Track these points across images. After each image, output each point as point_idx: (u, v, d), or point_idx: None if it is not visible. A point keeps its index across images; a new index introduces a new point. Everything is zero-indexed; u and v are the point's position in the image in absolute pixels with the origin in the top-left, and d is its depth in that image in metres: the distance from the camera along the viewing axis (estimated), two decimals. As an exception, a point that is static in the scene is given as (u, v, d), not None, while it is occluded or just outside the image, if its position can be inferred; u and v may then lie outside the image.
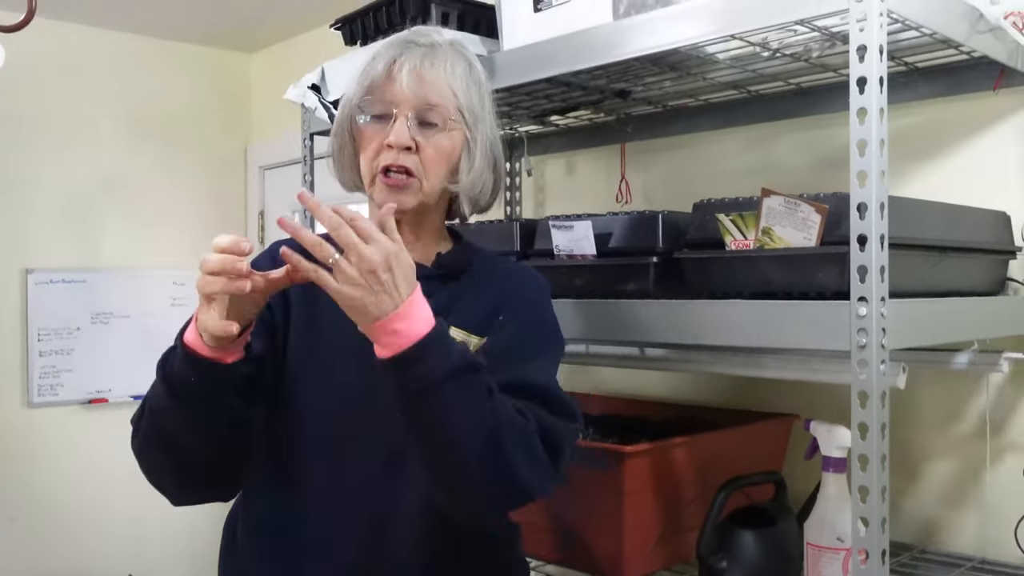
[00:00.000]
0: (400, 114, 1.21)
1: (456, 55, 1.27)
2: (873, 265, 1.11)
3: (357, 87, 1.25)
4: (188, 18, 3.20)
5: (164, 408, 1.13)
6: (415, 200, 1.23)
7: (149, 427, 1.17)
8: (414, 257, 1.26)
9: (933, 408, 1.65)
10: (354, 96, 1.25)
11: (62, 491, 3.16)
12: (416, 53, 1.23)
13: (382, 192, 1.22)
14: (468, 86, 1.26)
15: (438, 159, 1.23)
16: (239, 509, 1.33)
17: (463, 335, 1.28)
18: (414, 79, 1.21)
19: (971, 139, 1.62)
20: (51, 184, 3.19)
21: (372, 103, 1.23)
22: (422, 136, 1.21)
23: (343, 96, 1.29)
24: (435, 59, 1.23)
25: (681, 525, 1.59)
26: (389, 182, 1.22)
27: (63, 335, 3.19)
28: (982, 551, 1.59)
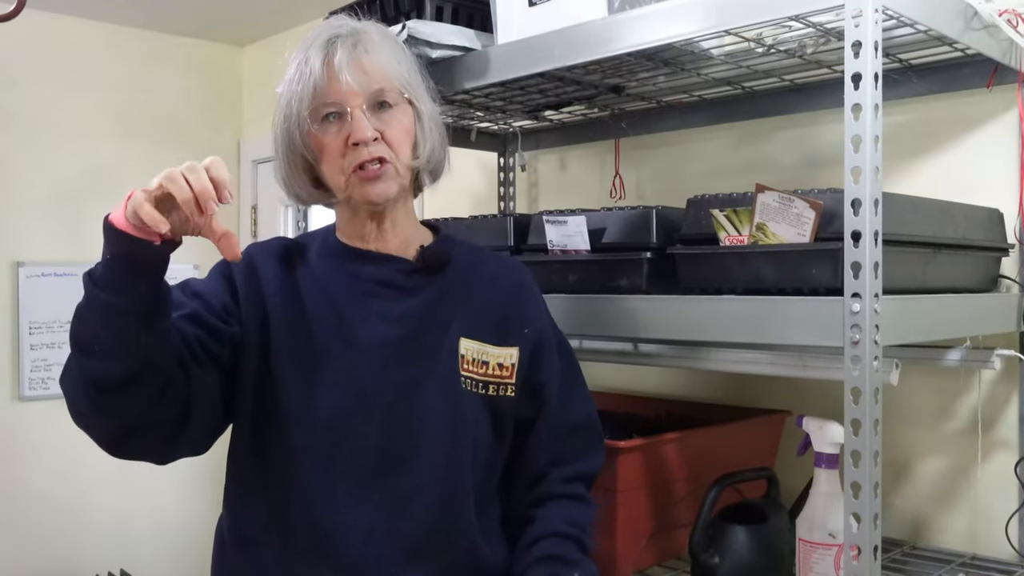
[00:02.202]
0: (354, 108, 1.20)
1: (381, 35, 1.28)
2: (867, 261, 1.11)
3: (297, 98, 1.22)
4: (180, 11, 3.19)
5: (94, 319, 1.05)
6: (396, 185, 1.24)
7: (79, 353, 1.08)
8: (393, 249, 1.29)
9: (925, 404, 1.66)
10: (298, 108, 1.22)
11: (52, 485, 3.15)
12: (346, 44, 1.22)
13: (361, 187, 1.21)
14: (401, 61, 1.26)
15: (402, 138, 1.24)
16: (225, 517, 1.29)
17: (478, 346, 1.28)
18: (356, 71, 1.20)
19: (965, 136, 1.62)
20: (42, 177, 3.17)
21: (321, 108, 1.21)
22: (380, 121, 1.21)
23: (280, 114, 1.25)
24: (366, 44, 1.23)
25: (674, 521, 1.59)
26: (367, 175, 1.21)
27: (54, 328, 3.18)
28: (973, 547, 1.59)
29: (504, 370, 1.30)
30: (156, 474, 3.30)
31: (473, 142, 2.23)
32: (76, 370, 1.08)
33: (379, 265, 1.28)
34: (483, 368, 1.28)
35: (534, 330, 1.34)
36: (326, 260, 1.29)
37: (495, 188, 2.36)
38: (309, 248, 1.32)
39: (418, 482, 1.21)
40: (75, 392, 1.08)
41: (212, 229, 1.09)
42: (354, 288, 1.26)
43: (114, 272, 1.04)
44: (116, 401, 1.07)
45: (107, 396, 1.06)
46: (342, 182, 1.23)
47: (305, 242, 1.34)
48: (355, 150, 1.20)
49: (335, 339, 1.22)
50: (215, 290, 1.23)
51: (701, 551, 1.43)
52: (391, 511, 1.20)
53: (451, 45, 1.58)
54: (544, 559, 1.26)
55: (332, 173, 1.23)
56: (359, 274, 1.27)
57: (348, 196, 1.24)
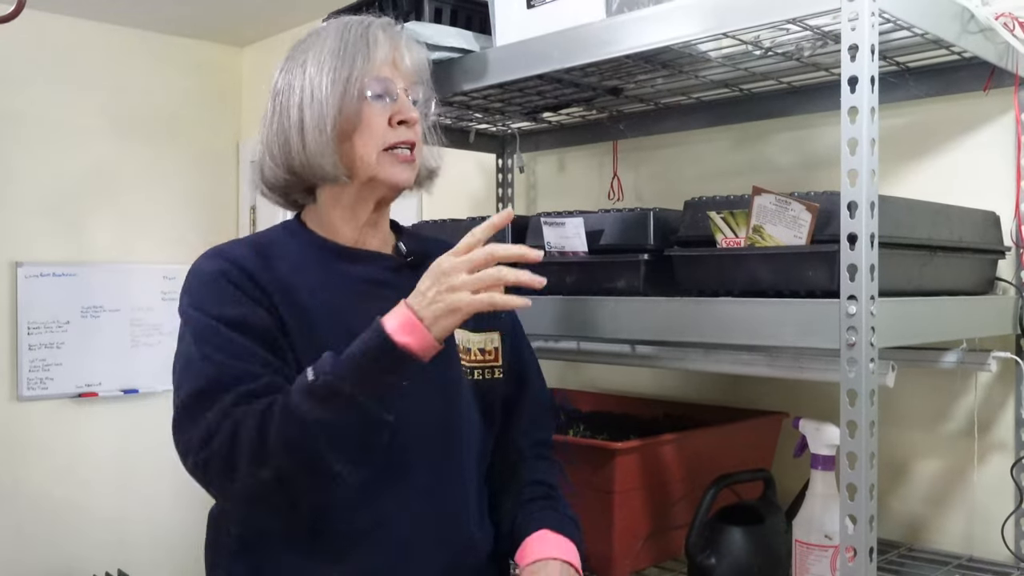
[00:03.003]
0: (402, 91, 1.24)
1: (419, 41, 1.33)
2: (863, 264, 1.11)
3: (355, 69, 1.21)
4: (179, 11, 3.19)
5: (357, 420, 1.07)
6: (414, 176, 1.27)
7: (311, 446, 1.06)
8: (374, 245, 1.29)
9: (921, 407, 1.66)
10: (354, 78, 1.20)
11: (50, 485, 3.15)
12: (400, 34, 1.27)
13: (393, 168, 1.23)
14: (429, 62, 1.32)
15: (419, 135, 1.27)
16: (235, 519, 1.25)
17: (463, 334, 1.31)
18: (411, 58, 1.26)
19: (961, 139, 1.63)
20: (41, 177, 3.17)
21: (378, 82, 1.22)
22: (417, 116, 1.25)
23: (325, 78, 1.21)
24: (415, 43, 1.29)
25: (670, 522, 1.59)
26: (403, 157, 1.23)
27: (53, 329, 3.18)
28: (969, 549, 1.60)
29: (487, 354, 1.33)
30: (153, 475, 3.32)
31: (471, 143, 2.23)
32: (318, 463, 1.08)
33: (367, 263, 1.27)
34: (468, 355, 1.31)
35: (508, 315, 1.38)
36: (313, 259, 1.25)
37: (493, 189, 2.36)
38: (281, 247, 1.26)
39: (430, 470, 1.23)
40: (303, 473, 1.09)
41: None
42: (350, 288, 1.24)
43: (393, 391, 1.08)
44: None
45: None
46: (373, 159, 1.22)
47: (270, 241, 1.29)
48: (397, 129, 1.22)
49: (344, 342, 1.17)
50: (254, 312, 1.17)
51: (698, 552, 1.44)
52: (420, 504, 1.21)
53: (450, 47, 1.58)
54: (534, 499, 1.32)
55: (367, 148, 1.21)
56: (350, 273, 1.25)
57: (374, 175, 1.22)
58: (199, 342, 1.15)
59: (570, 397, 2.11)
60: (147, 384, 3.34)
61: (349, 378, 1.05)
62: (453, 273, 1.07)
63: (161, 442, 3.84)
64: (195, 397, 1.12)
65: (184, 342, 1.18)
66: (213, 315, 1.16)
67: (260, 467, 1.06)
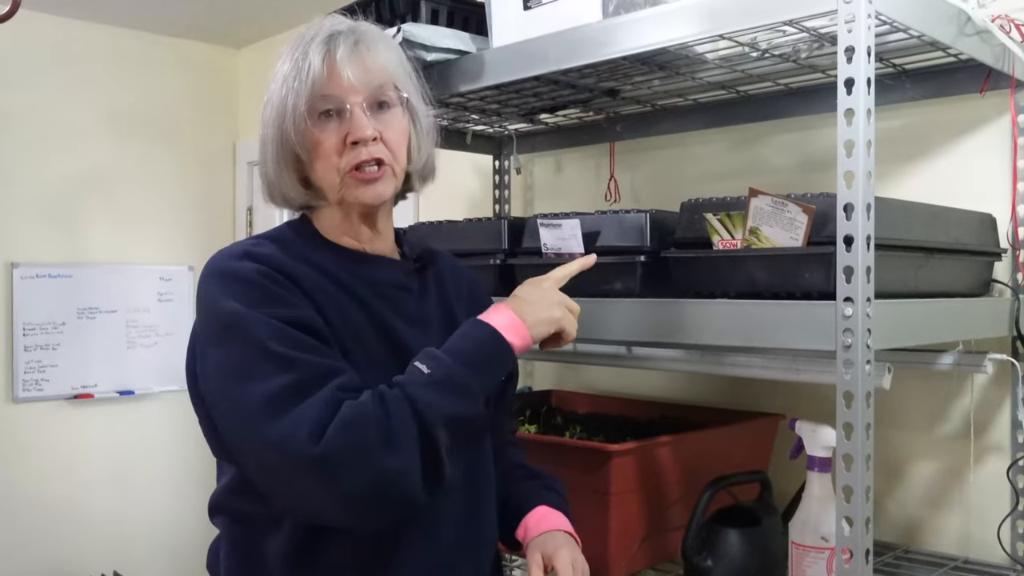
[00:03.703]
0: (354, 106, 1.16)
1: (380, 34, 1.24)
2: (859, 266, 1.11)
3: (294, 93, 1.16)
4: (175, 13, 3.19)
5: (474, 413, 1.12)
6: (392, 188, 1.21)
7: (440, 438, 1.06)
8: (382, 250, 1.27)
9: (918, 408, 1.66)
10: (294, 102, 1.16)
11: (46, 487, 3.15)
12: (348, 41, 1.18)
13: (357, 189, 1.17)
14: (400, 62, 1.24)
15: (400, 140, 1.21)
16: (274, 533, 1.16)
17: None
18: (358, 68, 1.17)
19: (957, 141, 1.63)
20: (37, 178, 3.17)
21: (320, 103, 1.16)
22: (379, 122, 1.18)
23: (272, 111, 1.19)
24: (368, 42, 1.20)
25: (667, 524, 1.59)
26: (364, 176, 1.17)
27: (48, 330, 3.17)
28: (965, 551, 1.60)
29: None
30: (149, 476, 3.32)
31: (468, 145, 2.23)
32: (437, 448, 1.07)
33: (383, 268, 1.25)
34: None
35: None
36: (332, 263, 1.21)
37: (490, 191, 2.36)
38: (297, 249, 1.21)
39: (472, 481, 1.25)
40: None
41: None
42: (377, 292, 1.21)
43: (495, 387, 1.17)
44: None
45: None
46: (336, 182, 1.17)
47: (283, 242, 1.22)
48: (353, 149, 1.16)
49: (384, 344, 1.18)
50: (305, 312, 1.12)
51: (694, 554, 1.44)
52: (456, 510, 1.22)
53: (446, 48, 1.58)
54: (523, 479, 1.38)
55: (326, 172, 1.17)
56: (369, 277, 1.22)
57: (341, 198, 1.19)
58: (265, 341, 1.07)
59: (567, 399, 2.11)
60: (143, 385, 3.33)
61: (468, 370, 1.11)
62: (553, 292, 1.22)
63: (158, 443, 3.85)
64: (281, 394, 1.04)
65: (239, 344, 1.08)
66: (274, 315, 1.09)
67: (387, 459, 1.03)
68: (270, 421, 1.03)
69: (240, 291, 1.11)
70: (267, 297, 1.10)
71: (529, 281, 1.24)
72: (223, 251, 1.18)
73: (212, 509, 1.23)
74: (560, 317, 1.20)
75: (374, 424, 1.03)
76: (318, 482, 1.03)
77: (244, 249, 1.17)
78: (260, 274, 1.12)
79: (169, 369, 3.35)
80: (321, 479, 1.03)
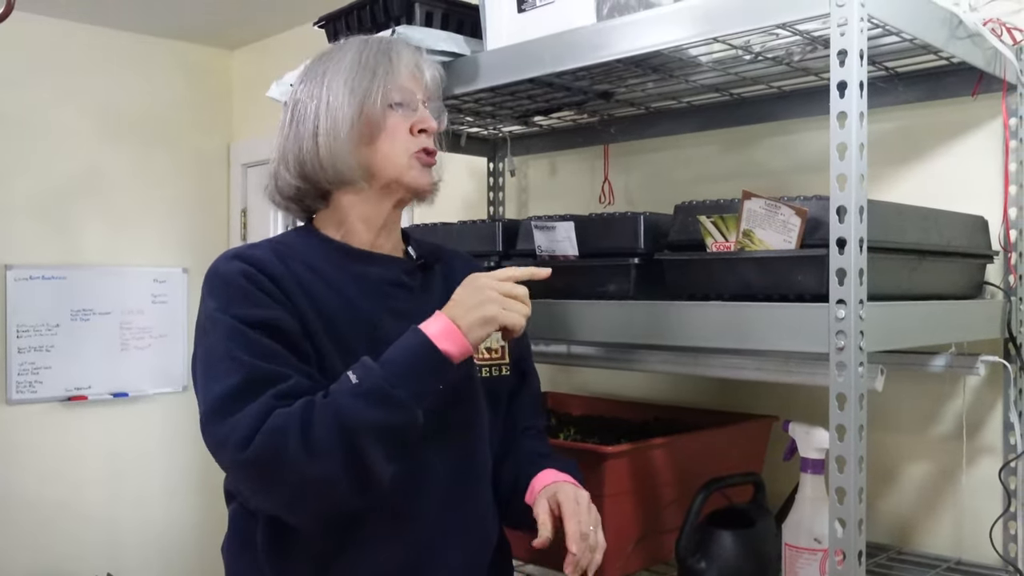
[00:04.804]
0: (427, 103, 1.31)
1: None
2: (852, 268, 1.11)
3: (379, 79, 1.27)
4: (170, 15, 3.19)
5: (402, 421, 1.13)
6: (436, 182, 1.34)
7: (363, 447, 1.10)
8: (391, 249, 1.35)
9: (910, 410, 1.67)
10: (379, 84, 1.27)
11: (39, 489, 3.14)
12: (421, 51, 1.37)
13: (418, 172, 1.29)
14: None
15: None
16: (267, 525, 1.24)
17: None
18: (435, 76, 1.35)
19: (950, 144, 1.63)
20: (30, 180, 3.16)
21: (400, 92, 1.28)
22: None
23: (346, 87, 1.27)
24: (429, 59, 1.37)
25: (661, 526, 1.59)
26: (429, 161, 1.30)
27: (42, 332, 3.17)
28: (958, 552, 1.60)
29: (493, 352, 1.39)
30: (144, 479, 3.31)
31: (463, 147, 2.23)
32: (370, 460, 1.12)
33: (384, 266, 1.31)
34: (477, 354, 1.34)
35: None
36: (331, 262, 1.28)
37: (485, 193, 2.36)
38: (299, 250, 1.29)
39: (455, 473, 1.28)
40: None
41: None
42: (368, 289, 1.27)
43: (431, 395, 1.16)
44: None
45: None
46: (403, 162, 1.28)
47: (286, 244, 1.31)
48: (419, 137, 1.29)
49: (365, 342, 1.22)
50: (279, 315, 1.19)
51: (688, 556, 1.44)
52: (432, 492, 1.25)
53: (441, 51, 1.58)
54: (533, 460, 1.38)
55: (394, 152, 1.28)
56: (367, 274, 1.29)
57: (398, 178, 1.28)
58: (227, 343, 1.16)
59: (561, 401, 2.11)
60: (137, 387, 3.32)
61: (396, 381, 1.11)
62: (487, 289, 1.18)
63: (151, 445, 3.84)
64: (227, 397, 1.12)
65: (209, 344, 1.18)
66: (239, 317, 1.17)
67: (306, 467, 1.08)
68: (215, 423, 1.13)
69: (220, 291, 1.21)
70: (241, 297, 1.18)
71: (467, 280, 1.21)
72: (223, 253, 1.27)
73: (226, 496, 1.32)
74: (495, 314, 1.16)
75: (297, 432, 1.08)
76: (248, 485, 1.16)
77: (237, 251, 1.26)
78: (242, 274, 1.20)
79: (163, 371, 3.35)
80: (250, 482, 1.15)
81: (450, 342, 1.14)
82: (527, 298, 1.20)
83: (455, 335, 1.15)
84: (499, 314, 1.16)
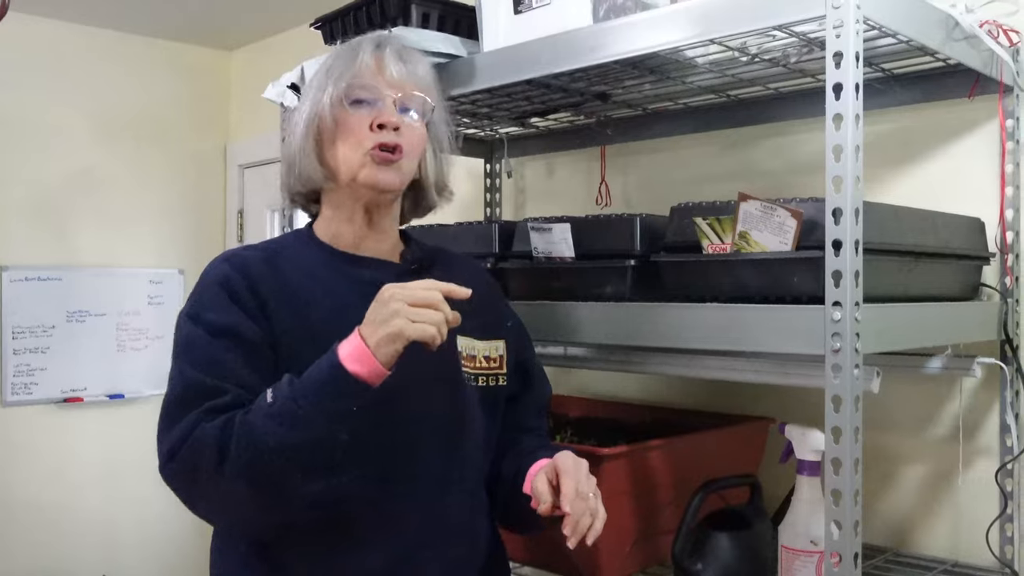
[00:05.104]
0: (387, 98, 1.27)
1: (422, 55, 1.37)
2: (848, 270, 1.11)
3: (336, 74, 1.28)
4: (167, 15, 3.18)
5: (313, 440, 1.10)
6: (399, 180, 1.29)
7: (276, 463, 1.10)
8: (385, 252, 1.34)
9: (907, 412, 1.67)
10: (335, 82, 1.27)
11: (35, 491, 3.13)
12: (396, 45, 1.31)
13: (372, 169, 1.25)
14: (436, 81, 1.36)
15: (415, 144, 1.30)
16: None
17: (468, 341, 1.35)
18: (402, 68, 1.28)
19: (946, 146, 1.63)
20: (28, 181, 3.16)
21: (361, 89, 1.26)
22: (402, 122, 1.28)
23: (312, 91, 1.30)
24: (411, 54, 1.33)
25: (657, 527, 1.59)
26: (383, 157, 1.25)
27: (38, 333, 3.16)
28: (955, 554, 1.60)
29: (492, 361, 1.37)
30: (140, 480, 3.30)
31: (459, 148, 2.22)
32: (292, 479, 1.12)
33: (374, 269, 1.30)
34: (472, 362, 1.35)
35: (516, 323, 1.46)
36: (320, 264, 1.30)
37: (481, 194, 2.36)
38: (291, 252, 1.31)
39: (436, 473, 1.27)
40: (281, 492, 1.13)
41: None
42: (355, 292, 1.25)
43: (347, 415, 1.11)
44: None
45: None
46: (357, 160, 1.25)
47: (280, 246, 1.34)
48: (377, 132, 1.25)
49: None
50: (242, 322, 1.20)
51: (684, 558, 1.44)
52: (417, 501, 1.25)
53: (437, 52, 1.58)
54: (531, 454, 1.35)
55: (349, 150, 1.26)
56: (357, 278, 1.28)
57: (354, 177, 1.26)
58: (182, 352, 1.20)
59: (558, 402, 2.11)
60: (133, 389, 3.32)
61: (304, 402, 1.09)
62: (392, 302, 1.10)
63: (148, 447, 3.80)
64: (169, 409, 1.17)
65: (173, 347, 1.23)
66: (202, 322, 1.20)
67: (220, 483, 1.11)
68: (159, 430, 1.17)
69: (197, 294, 1.24)
70: (209, 302, 1.22)
71: (379, 293, 1.13)
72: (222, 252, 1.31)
73: None
74: (400, 329, 1.08)
75: (214, 449, 1.10)
76: (176, 494, 1.17)
77: (230, 252, 1.29)
78: (219, 279, 1.23)
79: (159, 373, 3.31)
80: (176, 492, 1.16)
81: (359, 363, 1.09)
82: (441, 304, 1.11)
83: (364, 355, 1.09)
84: (405, 328, 1.08)
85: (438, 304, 1.10)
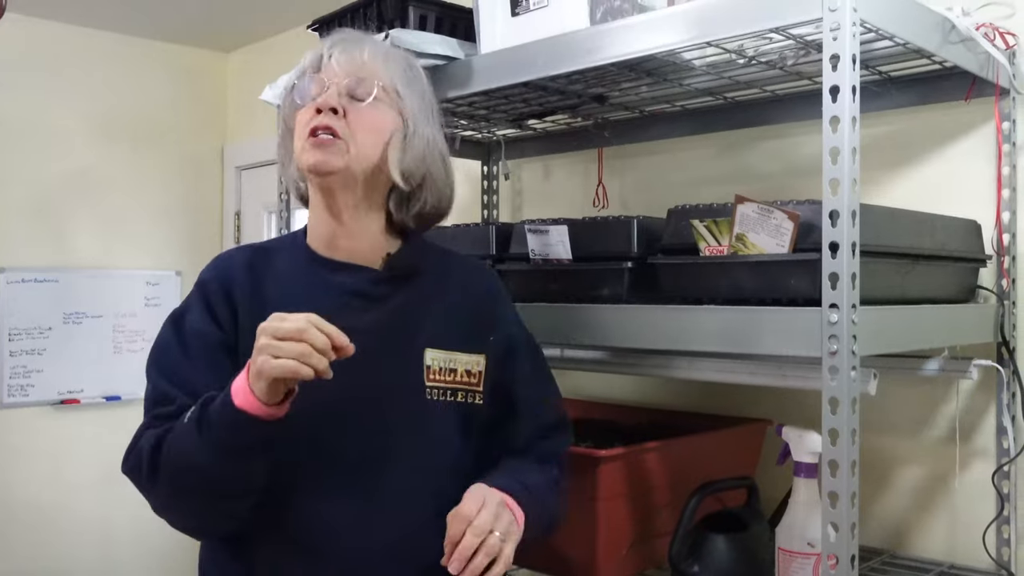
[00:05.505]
0: (332, 85, 1.25)
1: (382, 43, 1.37)
2: (844, 272, 1.11)
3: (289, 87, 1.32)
4: (164, 16, 3.18)
5: (207, 464, 1.12)
6: (341, 161, 1.23)
7: (189, 482, 1.14)
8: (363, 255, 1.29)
9: (903, 414, 1.67)
10: (288, 93, 1.31)
11: (32, 492, 3.12)
12: (347, 42, 1.30)
13: (308, 153, 1.23)
14: (398, 69, 1.30)
15: (365, 126, 1.24)
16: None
17: (446, 354, 1.29)
18: (344, 57, 1.27)
19: (943, 148, 1.64)
20: (23, 182, 3.15)
21: (306, 87, 1.27)
22: (354, 108, 1.24)
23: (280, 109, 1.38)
24: (364, 44, 1.30)
25: (654, 530, 1.59)
26: (315, 140, 1.22)
27: (34, 335, 3.15)
28: (951, 556, 1.60)
29: (472, 376, 1.31)
30: (137, 482, 3.30)
31: (456, 150, 2.22)
32: (205, 500, 1.17)
33: (348, 274, 1.28)
34: (451, 376, 1.29)
35: (502, 337, 1.36)
36: (296, 268, 1.29)
37: (478, 196, 2.36)
38: (277, 254, 1.32)
39: (390, 489, 1.23)
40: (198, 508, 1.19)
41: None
42: (324, 298, 1.24)
43: (247, 450, 1.12)
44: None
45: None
46: (299, 148, 1.25)
47: (272, 247, 1.36)
48: (315, 116, 1.23)
49: None
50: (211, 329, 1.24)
51: (681, 560, 1.44)
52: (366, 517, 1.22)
53: (434, 54, 1.58)
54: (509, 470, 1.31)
55: (297, 143, 1.27)
56: (329, 283, 1.27)
57: (300, 167, 1.26)
58: (153, 355, 1.25)
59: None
60: (130, 391, 3.31)
61: (203, 427, 1.10)
62: (261, 335, 1.05)
63: (144, 449, 3.70)
64: (146, 404, 1.23)
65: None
66: (178, 325, 1.26)
67: (152, 489, 1.17)
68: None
69: (189, 295, 1.29)
70: (192, 304, 1.27)
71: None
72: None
73: None
74: (260, 367, 1.03)
75: (148, 457, 1.15)
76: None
77: (223, 254, 1.34)
78: (201, 280, 1.28)
79: (156, 374, 3.33)
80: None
81: (242, 397, 1.06)
82: (306, 333, 1.02)
83: (244, 390, 1.07)
84: (264, 365, 1.03)
85: (302, 335, 1.02)
